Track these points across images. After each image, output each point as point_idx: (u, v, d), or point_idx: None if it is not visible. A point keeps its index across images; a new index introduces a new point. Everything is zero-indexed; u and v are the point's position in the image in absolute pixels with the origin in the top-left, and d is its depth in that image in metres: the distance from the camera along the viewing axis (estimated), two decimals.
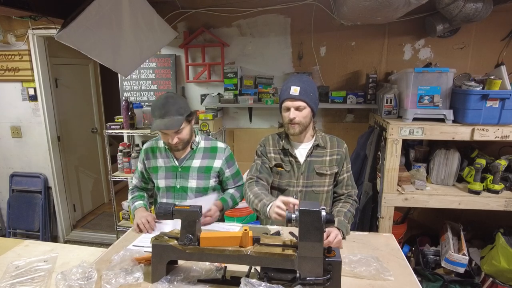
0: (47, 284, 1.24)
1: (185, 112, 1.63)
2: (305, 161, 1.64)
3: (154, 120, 1.62)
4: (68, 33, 1.95)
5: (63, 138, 3.60)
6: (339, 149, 1.66)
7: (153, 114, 1.63)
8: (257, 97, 2.88)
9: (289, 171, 1.67)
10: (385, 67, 2.79)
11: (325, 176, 1.64)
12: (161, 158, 1.79)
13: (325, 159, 1.65)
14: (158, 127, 1.58)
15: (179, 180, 1.76)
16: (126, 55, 2.31)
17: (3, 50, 3.23)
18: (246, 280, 1.06)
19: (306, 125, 1.60)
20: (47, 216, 3.52)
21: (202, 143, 1.81)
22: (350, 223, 1.58)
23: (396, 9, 1.96)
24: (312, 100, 1.57)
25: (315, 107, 1.60)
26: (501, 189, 2.16)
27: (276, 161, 1.68)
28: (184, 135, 1.65)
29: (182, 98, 1.71)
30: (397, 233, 2.47)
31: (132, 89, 3.18)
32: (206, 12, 2.89)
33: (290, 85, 1.56)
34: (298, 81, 1.58)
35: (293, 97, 1.54)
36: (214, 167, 1.78)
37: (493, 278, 2.25)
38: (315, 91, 1.60)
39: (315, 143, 1.64)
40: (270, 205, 1.40)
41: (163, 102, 1.60)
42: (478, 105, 2.03)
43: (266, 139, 1.74)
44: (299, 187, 1.65)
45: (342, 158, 1.66)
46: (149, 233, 1.60)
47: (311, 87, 1.59)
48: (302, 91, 1.53)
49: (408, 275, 1.27)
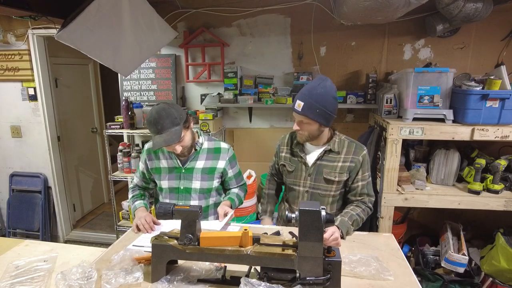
0: (47, 284, 1.24)
1: (181, 120, 1.58)
2: (314, 164, 1.62)
3: (153, 136, 1.58)
4: (68, 33, 1.95)
5: (63, 138, 3.60)
6: (355, 156, 1.59)
7: (149, 130, 1.59)
8: (257, 97, 2.88)
9: (292, 171, 1.67)
10: (385, 67, 2.79)
11: (333, 182, 1.61)
12: (164, 159, 1.78)
13: (337, 165, 1.60)
14: (159, 145, 1.55)
15: (182, 181, 1.75)
16: (126, 55, 2.30)
17: (3, 50, 3.23)
18: (246, 280, 1.07)
19: (314, 135, 1.57)
20: (47, 216, 3.52)
21: (206, 144, 1.80)
22: (355, 227, 1.56)
23: (396, 9, 1.96)
24: (319, 115, 1.48)
25: (323, 120, 1.51)
26: (501, 189, 2.16)
27: (285, 160, 1.72)
28: (186, 142, 1.64)
29: (173, 106, 1.61)
30: (397, 233, 2.47)
31: (132, 89, 3.18)
32: (206, 12, 2.89)
33: (297, 98, 1.51)
34: (306, 95, 1.49)
35: (296, 111, 1.52)
36: (218, 167, 1.78)
37: (493, 278, 2.25)
38: (326, 104, 1.48)
39: (327, 147, 1.61)
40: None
41: (156, 118, 1.54)
42: (478, 105, 2.03)
43: (283, 138, 1.79)
44: (306, 187, 1.65)
45: (357, 166, 1.59)
46: (149, 233, 1.60)
47: (320, 101, 1.47)
48: (305, 107, 1.47)
49: (408, 275, 1.27)
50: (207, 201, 1.81)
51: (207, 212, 1.82)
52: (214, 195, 1.83)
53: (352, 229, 1.54)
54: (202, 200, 1.78)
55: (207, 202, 1.81)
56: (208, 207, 1.82)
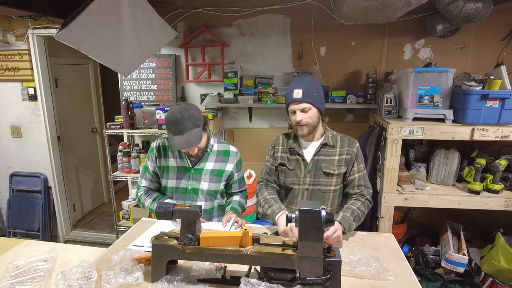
0: (47, 284, 1.24)
1: (200, 122, 1.59)
2: (312, 159, 1.64)
3: (172, 136, 1.56)
4: (68, 32, 1.95)
5: (63, 138, 3.60)
6: (350, 149, 1.64)
7: (169, 130, 1.58)
8: (257, 97, 2.88)
9: (292, 169, 1.68)
10: (385, 67, 2.79)
11: (332, 175, 1.63)
12: (173, 157, 1.76)
13: (334, 158, 1.64)
14: (180, 146, 1.53)
15: (191, 181, 1.74)
16: (126, 55, 2.30)
17: (3, 50, 3.23)
18: (246, 280, 1.06)
19: (315, 125, 1.61)
20: (47, 215, 3.52)
21: (215, 146, 1.79)
22: (357, 221, 1.55)
23: (396, 9, 1.96)
24: (316, 100, 1.57)
25: (321, 106, 1.60)
26: (501, 189, 2.16)
27: (282, 160, 1.71)
28: (203, 143, 1.65)
29: (194, 107, 1.62)
30: (397, 233, 2.47)
31: (132, 89, 3.18)
32: (206, 12, 2.89)
33: (293, 88, 1.57)
34: (300, 83, 1.58)
35: (296, 100, 1.55)
36: (226, 170, 1.78)
37: (492, 278, 2.25)
38: (319, 90, 1.60)
39: (323, 141, 1.64)
40: (279, 213, 1.55)
41: (179, 118, 1.53)
42: (478, 105, 2.03)
43: (276, 139, 1.78)
44: (306, 185, 1.66)
45: (353, 158, 1.64)
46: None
47: (314, 87, 1.58)
48: (304, 93, 1.54)
49: (408, 275, 1.27)
50: (213, 203, 1.81)
51: (212, 214, 1.82)
52: (219, 197, 1.83)
53: (354, 225, 1.53)
54: (208, 201, 1.78)
55: (212, 204, 1.80)
56: (213, 209, 1.82)
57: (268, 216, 1.64)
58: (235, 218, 1.67)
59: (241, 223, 1.67)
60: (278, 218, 1.54)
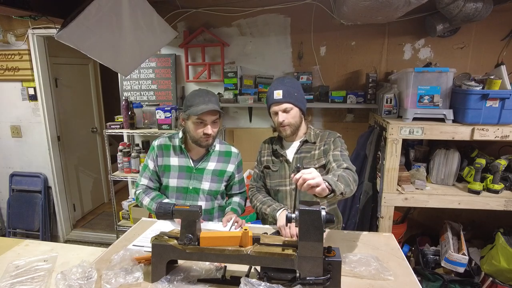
0: (47, 283, 1.24)
1: (219, 107, 1.66)
2: (294, 158, 1.66)
3: (195, 106, 1.58)
4: (68, 32, 1.95)
5: (63, 138, 3.60)
6: (327, 139, 1.64)
7: (192, 102, 1.60)
8: (257, 96, 2.88)
9: (276, 170, 1.69)
10: (385, 67, 2.79)
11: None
12: (175, 156, 1.76)
13: (314, 153, 1.64)
14: (207, 108, 1.56)
15: (192, 181, 1.74)
16: (126, 55, 2.31)
17: (3, 50, 3.23)
18: (246, 280, 1.06)
19: (297, 125, 1.63)
20: (47, 215, 3.53)
21: (217, 146, 1.81)
22: (342, 183, 1.26)
23: (396, 8, 1.96)
24: (297, 99, 1.59)
25: (302, 105, 1.62)
26: (501, 189, 2.16)
27: (267, 163, 1.74)
28: (217, 128, 1.67)
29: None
30: (397, 232, 2.47)
31: (132, 89, 3.18)
32: (206, 12, 2.89)
33: (273, 89, 1.60)
34: (280, 84, 1.60)
35: (277, 101, 1.57)
36: (227, 171, 1.79)
37: (492, 277, 2.25)
38: (299, 90, 1.62)
39: (303, 139, 1.66)
40: (280, 210, 1.58)
41: (205, 92, 1.64)
42: (478, 105, 2.03)
43: (262, 145, 1.83)
44: (292, 185, 1.65)
45: (330, 145, 1.61)
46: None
47: (295, 87, 1.61)
48: (285, 93, 1.56)
49: (408, 275, 1.27)
50: (213, 203, 1.81)
51: (213, 214, 1.82)
52: (219, 198, 1.84)
53: (341, 186, 1.23)
54: (209, 201, 1.78)
55: (213, 204, 1.81)
56: (214, 210, 1.82)
57: (267, 215, 1.65)
58: (235, 218, 1.67)
59: (241, 223, 1.67)
60: (280, 215, 1.56)
